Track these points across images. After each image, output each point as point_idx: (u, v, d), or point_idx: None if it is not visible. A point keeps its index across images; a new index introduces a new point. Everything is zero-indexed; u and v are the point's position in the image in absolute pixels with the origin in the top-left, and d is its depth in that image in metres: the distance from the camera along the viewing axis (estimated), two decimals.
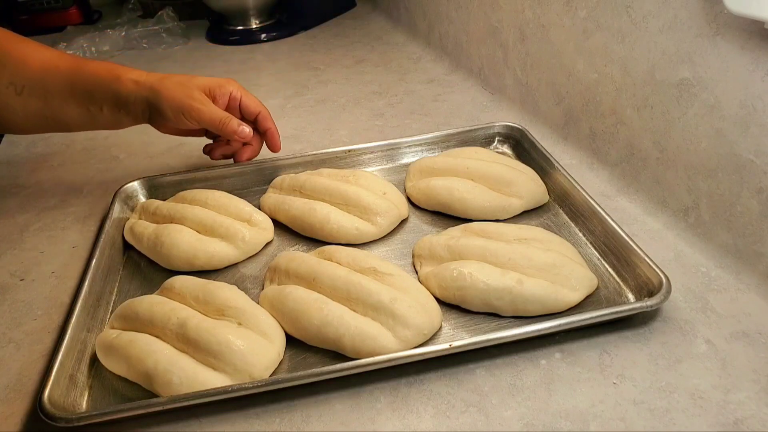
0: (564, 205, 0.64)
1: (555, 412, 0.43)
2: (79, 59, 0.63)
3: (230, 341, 0.46)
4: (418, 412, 0.44)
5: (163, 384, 0.44)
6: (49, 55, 0.61)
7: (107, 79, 0.61)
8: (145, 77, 0.62)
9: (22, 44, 0.62)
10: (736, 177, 0.53)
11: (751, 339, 0.48)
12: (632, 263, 0.52)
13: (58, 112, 0.62)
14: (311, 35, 1.28)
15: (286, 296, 0.50)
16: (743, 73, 0.50)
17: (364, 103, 0.94)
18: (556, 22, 0.74)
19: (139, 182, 0.69)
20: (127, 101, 0.62)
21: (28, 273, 0.61)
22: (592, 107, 0.70)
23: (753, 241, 0.52)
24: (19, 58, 0.60)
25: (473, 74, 0.97)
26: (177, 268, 0.59)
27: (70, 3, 1.33)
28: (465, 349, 0.46)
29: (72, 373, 0.47)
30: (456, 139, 0.75)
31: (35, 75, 0.60)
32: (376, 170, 0.73)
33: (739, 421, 0.42)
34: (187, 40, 1.26)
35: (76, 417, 0.42)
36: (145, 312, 0.49)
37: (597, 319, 0.47)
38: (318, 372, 0.44)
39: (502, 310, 0.50)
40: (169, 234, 0.59)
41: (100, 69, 0.62)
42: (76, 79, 0.61)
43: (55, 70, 0.60)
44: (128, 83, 0.61)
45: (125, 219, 0.65)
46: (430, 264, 0.55)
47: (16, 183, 0.77)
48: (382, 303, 0.48)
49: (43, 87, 0.60)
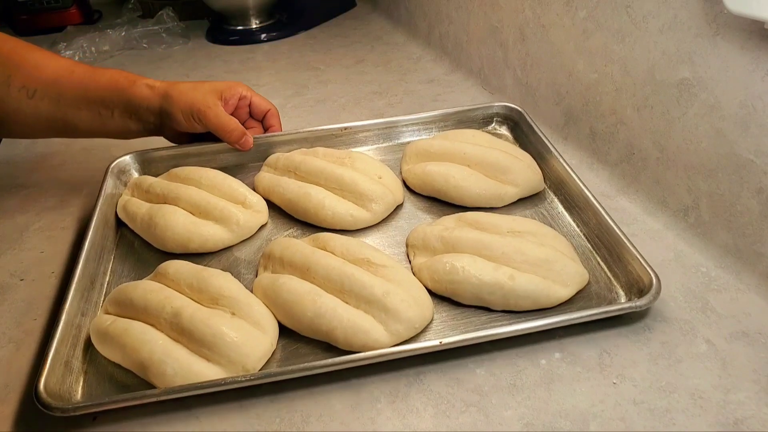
0: (560, 194, 0.64)
1: (555, 412, 0.43)
2: (94, 68, 0.64)
3: (224, 333, 0.46)
4: (418, 412, 0.44)
5: (157, 374, 0.45)
6: (64, 63, 0.63)
7: (122, 84, 0.63)
8: (159, 83, 0.64)
9: (38, 52, 0.63)
10: (736, 177, 0.53)
11: (751, 339, 0.48)
12: (624, 259, 0.53)
13: (68, 116, 0.63)
14: (311, 35, 1.28)
15: (280, 286, 0.51)
16: (743, 73, 0.50)
17: (364, 103, 0.94)
18: (556, 22, 0.74)
19: (131, 156, 0.70)
20: (139, 107, 0.64)
21: (28, 273, 0.61)
22: (592, 107, 0.70)
23: (753, 241, 0.52)
24: (33, 63, 0.61)
25: (473, 74, 0.97)
26: (171, 250, 0.59)
27: (70, 3, 1.33)
28: (455, 345, 0.46)
29: (67, 359, 0.47)
30: (453, 118, 0.75)
31: (48, 79, 0.61)
32: (372, 149, 0.73)
33: (739, 421, 0.42)
34: (187, 40, 1.26)
35: (72, 407, 0.43)
36: (140, 299, 0.49)
37: (585, 319, 0.48)
38: (310, 366, 0.45)
39: (494, 304, 0.51)
40: (164, 215, 0.59)
41: (115, 75, 0.64)
42: (90, 84, 0.62)
43: (69, 75, 0.62)
44: (142, 88, 0.63)
45: (118, 195, 0.66)
46: (423, 255, 0.56)
47: (16, 183, 0.77)
48: (375, 296, 0.48)
49: (56, 91, 0.61)
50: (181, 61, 1.16)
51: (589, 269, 0.54)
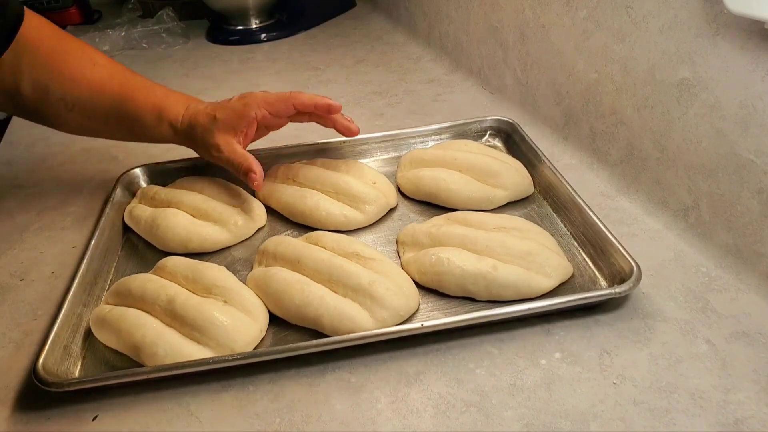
0: (548, 197, 0.65)
1: (555, 413, 0.43)
2: (124, 84, 0.63)
3: (214, 317, 0.48)
4: (418, 412, 0.44)
5: (149, 355, 0.47)
6: (97, 76, 0.62)
7: (148, 119, 0.63)
8: (181, 122, 0.63)
9: (75, 59, 0.62)
10: (737, 177, 0.53)
11: (751, 339, 0.48)
12: (608, 252, 0.54)
13: (103, 130, 0.65)
14: (311, 35, 1.28)
15: (271, 277, 0.53)
16: (743, 73, 0.50)
17: (364, 103, 0.94)
18: (556, 22, 0.74)
19: (141, 169, 0.72)
20: (165, 141, 0.65)
21: (27, 273, 0.61)
22: (593, 107, 0.70)
23: (753, 241, 0.52)
24: (70, 75, 0.61)
25: (473, 74, 0.97)
26: (172, 250, 0.61)
27: (70, 3, 1.33)
28: (435, 329, 0.48)
29: (66, 344, 0.49)
30: (449, 132, 0.77)
31: (83, 95, 0.62)
32: (370, 161, 0.75)
33: (739, 421, 0.42)
34: (186, 40, 1.26)
35: (66, 382, 0.45)
36: (137, 288, 0.52)
37: (565, 305, 0.50)
38: (295, 347, 0.47)
39: (478, 294, 0.52)
40: (165, 217, 0.61)
41: (142, 105, 0.63)
42: (120, 110, 0.63)
43: (101, 94, 0.62)
44: (165, 129, 0.63)
45: (126, 203, 0.68)
46: (412, 250, 0.57)
47: (16, 183, 0.77)
48: (361, 285, 0.50)
49: (91, 108, 0.62)
50: (181, 61, 1.16)
51: (575, 264, 0.56)
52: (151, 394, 0.47)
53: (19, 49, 0.59)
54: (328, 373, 0.47)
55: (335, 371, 0.47)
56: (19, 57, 0.59)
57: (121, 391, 0.47)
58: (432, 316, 0.51)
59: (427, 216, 0.64)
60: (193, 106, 0.63)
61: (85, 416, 0.45)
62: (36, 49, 0.60)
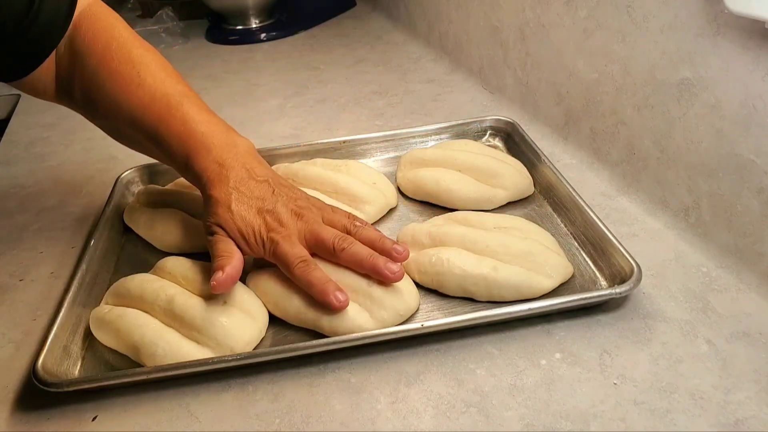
0: (549, 197, 0.65)
1: (555, 413, 0.43)
2: (162, 115, 0.56)
3: (214, 317, 0.48)
4: (418, 413, 0.44)
5: (148, 355, 0.47)
6: (137, 101, 0.56)
7: (176, 163, 0.57)
8: (206, 177, 0.54)
9: (119, 78, 0.56)
10: (737, 177, 0.53)
11: (751, 339, 0.48)
12: (608, 253, 0.54)
13: (139, 148, 0.61)
14: (311, 35, 1.28)
15: (270, 276, 0.53)
16: (744, 72, 0.50)
17: (364, 102, 0.93)
18: (557, 22, 0.74)
19: (140, 169, 0.72)
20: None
21: (27, 273, 0.61)
22: (593, 107, 0.70)
23: (753, 241, 0.52)
24: (113, 97, 0.56)
25: (473, 74, 0.97)
26: (171, 250, 0.61)
27: None
28: (435, 329, 0.48)
29: (66, 344, 0.49)
30: (449, 132, 0.77)
31: (125, 119, 0.57)
32: (370, 161, 0.75)
33: (739, 422, 0.42)
34: (186, 40, 1.26)
35: (66, 383, 0.45)
36: (137, 288, 0.52)
37: (565, 305, 0.49)
38: (294, 347, 0.47)
39: (478, 295, 0.52)
40: (165, 218, 0.62)
41: (175, 147, 0.56)
42: (154, 140, 0.57)
43: (139, 124, 0.57)
44: (191, 178, 0.57)
45: (125, 203, 0.68)
46: (412, 250, 0.57)
47: (16, 183, 0.77)
48: (360, 285, 0.50)
49: (130, 131, 0.58)
50: (181, 61, 1.16)
51: (575, 265, 0.55)
52: (150, 395, 0.47)
53: (74, 48, 0.56)
54: (328, 373, 0.47)
55: (335, 371, 0.47)
56: (72, 61, 0.56)
57: (120, 392, 0.47)
58: (432, 317, 0.51)
59: (427, 216, 0.64)
60: (215, 170, 0.54)
61: (84, 416, 0.45)
62: (88, 57, 0.56)
